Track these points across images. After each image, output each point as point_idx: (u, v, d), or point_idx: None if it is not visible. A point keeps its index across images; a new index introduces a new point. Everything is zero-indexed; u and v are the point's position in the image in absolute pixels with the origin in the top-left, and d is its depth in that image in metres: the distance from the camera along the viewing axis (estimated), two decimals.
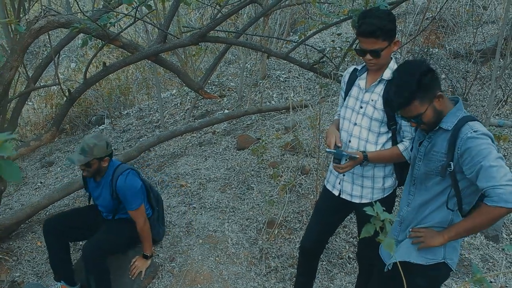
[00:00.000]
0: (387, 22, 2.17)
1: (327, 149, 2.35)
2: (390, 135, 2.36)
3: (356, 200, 2.49)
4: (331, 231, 2.76)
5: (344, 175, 2.48)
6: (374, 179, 2.43)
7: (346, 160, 2.30)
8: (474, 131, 1.75)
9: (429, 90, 1.78)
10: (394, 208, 2.58)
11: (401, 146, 2.31)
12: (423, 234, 1.95)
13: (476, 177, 1.71)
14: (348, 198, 2.52)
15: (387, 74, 2.31)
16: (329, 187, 2.60)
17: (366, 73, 2.42)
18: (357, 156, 2.29)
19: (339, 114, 2.59)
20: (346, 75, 2.53)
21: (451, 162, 1.82)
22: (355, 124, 2.40)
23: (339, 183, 2.53)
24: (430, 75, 1.78)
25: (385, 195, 2.45)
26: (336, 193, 2.55)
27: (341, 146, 2.37)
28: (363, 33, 2.18)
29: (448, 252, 2.01)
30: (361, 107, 2.39)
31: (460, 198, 1.86)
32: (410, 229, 2.06)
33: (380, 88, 2.34)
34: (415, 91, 1.74)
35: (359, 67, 2.49)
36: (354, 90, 2.45)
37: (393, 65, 2.33)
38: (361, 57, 2.30)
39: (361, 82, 2.42)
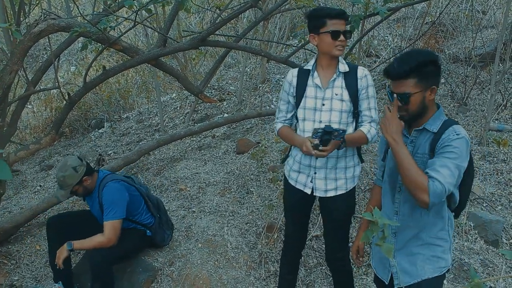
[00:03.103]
0: None
1: (315, 127, 2.30)
2: (354, 124, 2.48)
3: (332, 194, 2.52)
4: (307, 223, 2.82)
5: (315, 172, 2.49)
6: (346, 169, 2.51)
7: (333, 139, 2.25)
8: (456, 134, 1.85)
9: (427, 77, 1.86)
10: None
11: (364, 129, 2.43)
12: (386, 120, 1.90)
13: (432, 161, 1.84)
14: (322, 194, 2.54)
15: (342, 67, 2.43)
16: (299, 186, 2.58)
17: (316, 72, 2.47)
18: (345, 129, 2.33)
19: (284, 122, 2.60)
20: (293, 79, 2.52)
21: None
22: (321, 121, 2.43)
23: (311, 181, 2.53)
24: (434, 65, 1.88)
25: (355, 184, 2.56)
26: (308, 191, 2.55)
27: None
28: (339, 15, 2.35)
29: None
30: (323, 104, 2.43)
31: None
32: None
33: (340, 82, 2.43)
34: (415, 69, 1.83)
35: (308, 67, 2.50)
36: (310, 90, 2.46)
37: (342, 60, 2.46)
38: (333, 40, 2.34)
39: (316, 80, 2.45)
